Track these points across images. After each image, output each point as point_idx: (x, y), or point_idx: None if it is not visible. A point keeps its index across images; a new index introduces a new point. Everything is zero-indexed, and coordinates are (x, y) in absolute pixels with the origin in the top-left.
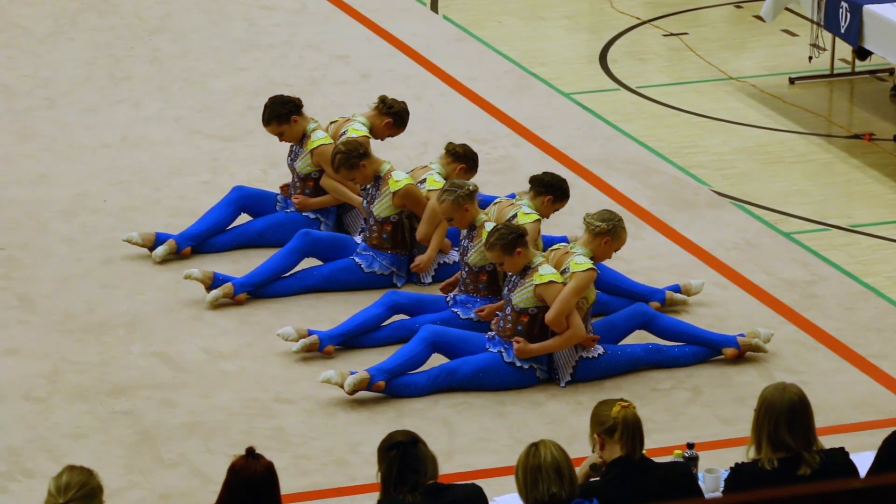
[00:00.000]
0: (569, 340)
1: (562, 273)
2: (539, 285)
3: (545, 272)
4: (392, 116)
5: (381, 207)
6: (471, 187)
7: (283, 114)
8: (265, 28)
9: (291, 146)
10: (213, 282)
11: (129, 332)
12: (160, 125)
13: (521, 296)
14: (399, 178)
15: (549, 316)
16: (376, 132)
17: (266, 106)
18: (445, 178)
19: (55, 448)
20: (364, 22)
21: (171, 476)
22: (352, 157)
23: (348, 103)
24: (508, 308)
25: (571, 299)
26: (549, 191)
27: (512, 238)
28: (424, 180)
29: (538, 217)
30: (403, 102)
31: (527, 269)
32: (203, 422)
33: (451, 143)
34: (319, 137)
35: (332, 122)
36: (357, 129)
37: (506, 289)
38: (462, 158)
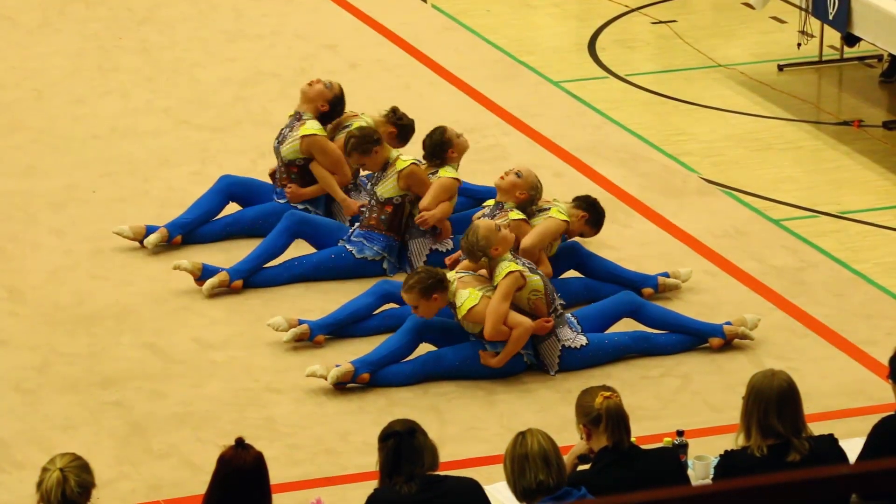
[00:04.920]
0: (520, 339)
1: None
2: (465, 316)
3: (461, 302)
4: (398, 128)
5: (386, 187)
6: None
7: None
8: (253, 18)
9: (281, 129)
10: (203, 273)
11: (119, 323)
12: (149, 116)
13: (467, 327)
14: (407, 158)
15: (486, 333)
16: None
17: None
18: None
19: (45, 440)
20: (352, 11)
21: (161, 467)
22: (365, 142)
23: None
24: None
25: (500, 307)
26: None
27: (433, 282)
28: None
29: (567, 219)
30: (412, 120)
31: (454, 307)
32: (193, 412)
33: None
34: (314, 127)
35: None
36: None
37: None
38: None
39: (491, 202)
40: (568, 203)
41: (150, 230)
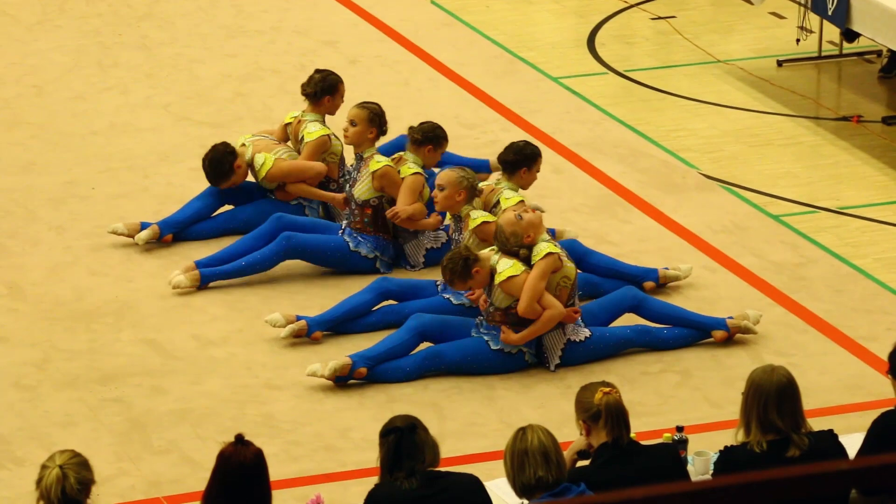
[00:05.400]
0: (550, 321)
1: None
2: (502, 283)
3: (503, 269)
4: (325, 93)
5: (362, 190)
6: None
7: (226, 171)
8: (253, 14)
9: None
10: (202, 279)
11: (119, 320)
12: (148, 112)
13: (496, 297)
14: (380, 160)
15: (520, 307)
16: (329, 114)
17: (208, 166)
18: (423, 166)
19: (45, 436)
20: (352, 7)
21: (160, 463)
22: (376, 119)
23: None
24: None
25: (538, 285)
26: (520, 165)
27: (462, 265)
28: (398, 171)
29: (521, 199)
30: (321, 72)
31: (493, 274)
32: (193, 409)
33: (410, 128)
34: (260, 162)
35: (286, 124)
36: (311, 133)
37: (486, 289)
38: (426, 141)
39: (449, 219)
40: (502, 176)
41: (143, 227)
